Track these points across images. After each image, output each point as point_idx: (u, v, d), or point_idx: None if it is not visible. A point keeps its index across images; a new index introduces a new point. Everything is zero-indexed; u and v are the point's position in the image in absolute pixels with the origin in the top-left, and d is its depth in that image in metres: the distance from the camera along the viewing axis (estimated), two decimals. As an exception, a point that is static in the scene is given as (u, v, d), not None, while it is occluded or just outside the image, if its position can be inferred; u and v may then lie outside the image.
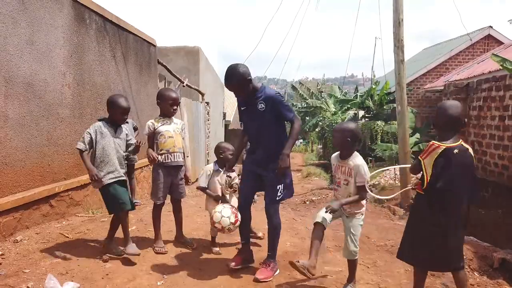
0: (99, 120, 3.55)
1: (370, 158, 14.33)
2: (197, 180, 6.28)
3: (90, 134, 3.46)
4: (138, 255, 3.54)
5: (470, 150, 2.71)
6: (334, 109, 17.59)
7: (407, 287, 3.33)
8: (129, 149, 3.70)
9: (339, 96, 18.16)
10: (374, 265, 3.87)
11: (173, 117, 3.91)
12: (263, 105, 3.31)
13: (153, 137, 3.79)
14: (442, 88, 14.84)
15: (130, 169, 5.66)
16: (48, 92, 4.37)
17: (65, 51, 4.64)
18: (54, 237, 3.97)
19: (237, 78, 3.22)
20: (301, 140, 35.32)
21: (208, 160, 13.54)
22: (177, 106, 3.91)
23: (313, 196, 8.71)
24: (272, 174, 3.39)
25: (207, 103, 13.46)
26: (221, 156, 3.98)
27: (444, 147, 2.62)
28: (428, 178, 2.65)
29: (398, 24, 8.81)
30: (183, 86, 10.00)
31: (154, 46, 7.62)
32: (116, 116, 3.51)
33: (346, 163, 3.11)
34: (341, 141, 3.12)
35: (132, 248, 3.53)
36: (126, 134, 3.69)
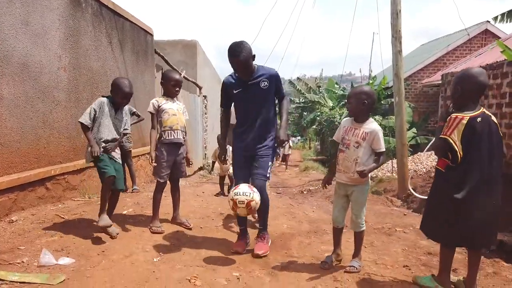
0: (104, 96, 3.56)
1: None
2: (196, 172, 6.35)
3: (95, 110, 3.48)
4: (109, 226, 3.43)
5: (493, 118, 2.61)
6: (332, 104, 17.57)
7: (404, 264, 3.31)
8: (122, 133, 3.73)
9: (337, 91, 18.14)
10: (371, 245, 3.87)
11: (175, 98, 3.95)
12: (266, 83, 3.32)
13: (157, 115, 3.83)
14: (440, 82, 14.92)
15: (126, 156, 5.65)
16: (43, 74, 4.34)
17: (61, 34, 4.61)
18: (50, 218, 3.95)
19: (246, 52, 3.15)
20: (299, 137, 35.33)
21: (205, 154, 13.52)
22: (179, 88, 3.94)
23: (310, 187, 8.71)
24: (267, 149, 3.43)
25: (205, 96, 13.43)
26: None
27: (468, 117, 2.52)
28: (461, 153, 2.52)
29: (395, 15, 8.81)
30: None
31: (151, 35, 7.59)
32: (116, 99, 3.54)
33: (362, 126, 3.03)
34: (356, 105, 3.02)
35: (103, 220, 3.43)
36: (125, 119, 3.71)
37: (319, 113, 17.87)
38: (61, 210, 4.27)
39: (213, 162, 7.04)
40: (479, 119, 2.53)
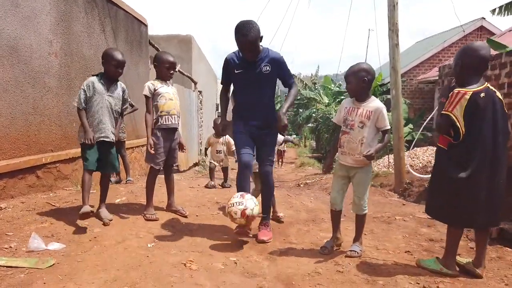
0: (93, 75, 3.44)
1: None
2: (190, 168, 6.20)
3: (85, 91, 3.36)
4: (88, 212, 3.23)
5: (498, 94, 2.52)
6: (327, 101, 17.51)
7: (406, 249, 3.23)
8: (125, 107, 3.67)
9: (332, 88, 18.09)
10: (371, 232, 3.78)
11: (169, 82, 3.83)
12: (268, 68, 3.19)
13: (153, 99, 3.69)
14: (436, 78, 14.88)
15: (120, 146, 5.52)
16: (34, 59, 4.21)
17: (52, 18, 4.48)
18: (41, 206, 3.82)
19: (255, 32, 3.02)
20: (294, 136, 35.26)
21: (201, 150, 13.39)
22: (174, 70, 3.81)
23: (307, 180, 8.63)
24: (272, 136, 3.41)
25: (200, 92, 13.31)
26: None
27: (471, 92, 2.43)
28: (463, 129, 2.44)
29: (392, 7, 8.75)
30: (176, 71, 9.85)
31: (146, 25, 7.47)
32: (109, 69, 3.39)
33: (365, 105, 2.91)
34: (357, 84, 2.90)
35: (83, 208, 3.27)
36: (123, 92, 3.58)
37: (314, 110, 17.78)
38: (52, 198, 4.14)
39: (206, 149, 6.54)
40: (482, 95, 2.44)
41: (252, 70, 3.21)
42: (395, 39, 8.78)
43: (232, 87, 3.46)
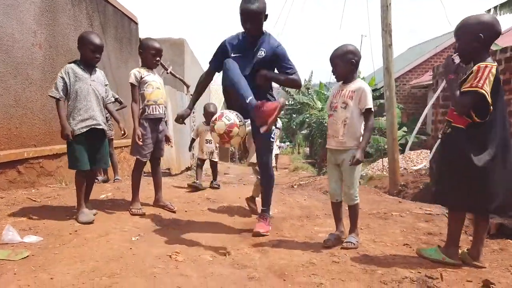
0: (70, 62, 3.22)
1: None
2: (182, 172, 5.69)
3: (63, 78, 3.07)
4: (91, 222, 3.11)
5: None
6: (321, 106, 17.44)
7: (404, 242, 3.08)
8: (108, 96, 3.40)
9: (326, 93, 18.04)
10: (368, 227, 3.63)
11: (155, 70, 3.68)
12: (263, 53, 3.01)
13: (139, 87, 3.51)
14: (429, 83, 14.89)
15: (108, 144, 5.33)
16: (16, 49, 4.04)
17: (36, 8, 4.32)
18: (20, 201, 3.63)
19: (261, 4, 2.85)
20: (288, 143, 35.19)
21: (193, 154, 13.19)
22: (160, 58, 3.65)
23: (300, 181, 8.48)
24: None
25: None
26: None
27: (496, 66, 2.26)
28: (491, 108, 2.25)
29: (386, 8, 8.71)
30: (167, 73, 9.68)
31: (136, 23, 7.33)
32: (86, 54, 3.15)
33: (348, 86, 2.82)
34: (344, 67, 2.79)
35: (84, 215, 3.14)
36: (104, 78, 3.38)
37: (308, 115, 17.70)
38: (33, 194, 3.95)
39: (193, 140, 5.50)
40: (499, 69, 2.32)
41: (249, 55, 3.02)
42: (388, 40, 8.73)
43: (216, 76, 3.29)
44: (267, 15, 2.94)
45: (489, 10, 8.02)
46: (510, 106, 6.22)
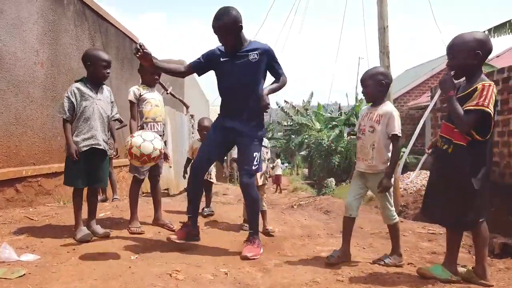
0: (76, 81, 3.23)
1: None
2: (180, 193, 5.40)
3: (69, 98, 3.06)
4: (89, 240, 3.07)
5: None
6: (319, 127, 17.51)
7: (408, 262, 3.03)
8: (115, 114, 3.43)
9: (324, 114, 18.15)
10: (371, 246, 3.59)
11: (155, 88, 3.69)
12: (256, 56, 2.97)
13: (137, 104, 3.51)
14: (426, 104, 15.01)
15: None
16: (18, 67, 4.07)
17: (39, 28, 4.37)
18: (18, 219, 3.57)
19: (229, 18, 2.85)
20: (287, 164, 35.13)
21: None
22: (159, 75, 3.67)
23: (300, 202, 8.40)
24: (253, 136, 3.07)
25: (192, 116, 13.21)
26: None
27: (494, 85, 2.31)
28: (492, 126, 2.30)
29: (383, 30, 8.86)
30: (167, 93, 9.75)
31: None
32: (98, 70, 3.13)
33: (378, 109, 2.83)
34: (374, 87, 2.83)
35: (81, 232, 3.10)
36: (111, 95, 3.38)
37: (307, 136, 17.75)
38: (31, 213, 3.89)
39: (188, 161, 4.47)
40: None
41: (238, 59, 2.98)
42: (386, 61, 8.83)
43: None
44: (241, 25, 2.92)
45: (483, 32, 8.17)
46: (510, 126, 6.26)
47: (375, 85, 2.82)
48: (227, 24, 2.86)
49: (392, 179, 2.81)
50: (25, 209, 4.05)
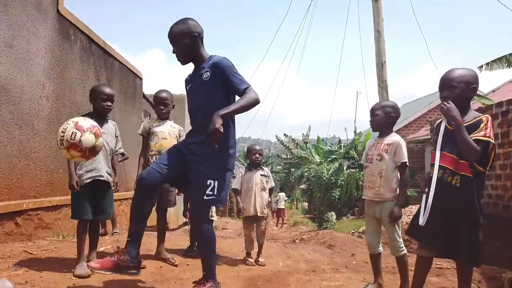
0: (82, 115, 3.26)
1: (357, 208, 14.03)
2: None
3: None
4: (87, 276, 2.95)
5: None
6: (319, 160, 17.51)
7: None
8: (119, 148, 3.44)
9: (324, 147, 18.20)
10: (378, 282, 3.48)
11: (170, 121, 3.77)
12: (208, 74, 2.58)
13: (148, 137, 3.66)
14: (425, 138, 15.10)
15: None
16: (24, 101, 4.11)
17: (46, 62, 4.46)
18: (17, 254, 3.49)
19: (183, 25, 2.59)
20: (286, 198, 34.82)
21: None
22: (165, 107, 3.73)
23: (302, 236, 8.27)
24: (210, 158, 2.54)
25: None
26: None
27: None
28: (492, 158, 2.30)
29: (381, 65, 9.09)
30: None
31: (140, 78, 7.54)
32: (99, 104, 3.22)
33: (383, 140, 2.97)
34: (382, 118, 2.96)
35: (81, 268, 3.00)
36: (115, 128, 3.42)
37: (306, 169, 17.71)
38: (30, 247, 3.81)
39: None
40: None
41: (196, 79, 2.68)
42: (384, 95, 9.00)
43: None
44: (195, 35, 2.60)
45: (481, 66, 8.34)
46: (510, 159, 6.27)
47: (384, 116, 2.96)
48: (176, 33, 2.61)
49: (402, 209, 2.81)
50: (24, 243, 3.97)
